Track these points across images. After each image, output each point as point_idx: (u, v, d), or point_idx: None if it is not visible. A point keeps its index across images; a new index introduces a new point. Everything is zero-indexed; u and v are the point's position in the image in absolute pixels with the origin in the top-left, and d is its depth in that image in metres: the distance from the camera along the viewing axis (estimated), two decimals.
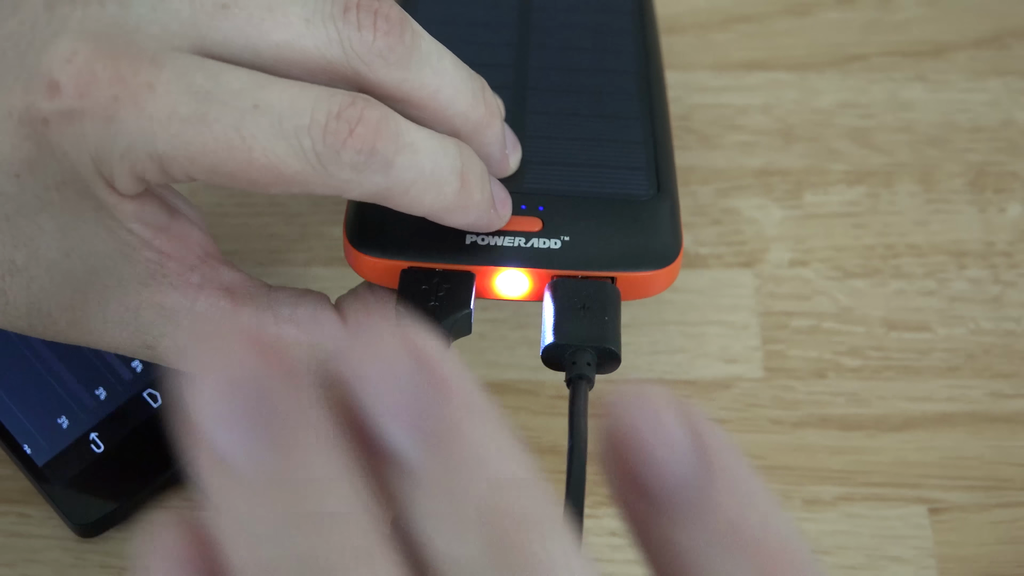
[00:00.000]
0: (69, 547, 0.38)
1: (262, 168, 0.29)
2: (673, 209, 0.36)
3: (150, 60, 0.29)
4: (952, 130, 0.48)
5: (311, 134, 0.29)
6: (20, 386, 0.39)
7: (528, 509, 0.19)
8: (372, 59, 0.31)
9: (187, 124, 0.29)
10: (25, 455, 0.38)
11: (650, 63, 0.41)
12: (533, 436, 0.40)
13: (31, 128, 0.29)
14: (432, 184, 0.31)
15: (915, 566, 0.38)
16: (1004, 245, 0.45)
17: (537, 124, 0.38)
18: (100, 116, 0.29)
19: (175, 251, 0.32)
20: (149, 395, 0.39)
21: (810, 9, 0.51)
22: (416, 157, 0.30)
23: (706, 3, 0.51)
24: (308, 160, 0.29)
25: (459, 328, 0.33)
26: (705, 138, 0.47)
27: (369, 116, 0.30)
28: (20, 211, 0.31)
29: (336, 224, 0.45)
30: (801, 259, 0.45)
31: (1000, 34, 0.51)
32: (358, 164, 0.30)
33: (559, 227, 0.34)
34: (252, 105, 0.29)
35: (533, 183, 0.36)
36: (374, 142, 0.30)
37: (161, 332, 0.33)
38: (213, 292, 0.33)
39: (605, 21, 0.43)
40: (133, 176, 0.30)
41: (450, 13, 0.41)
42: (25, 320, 0.33)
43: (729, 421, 0.41)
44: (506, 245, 0.34)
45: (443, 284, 0.33)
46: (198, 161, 0.29)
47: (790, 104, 0.48)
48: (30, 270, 0.31)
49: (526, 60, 0.40)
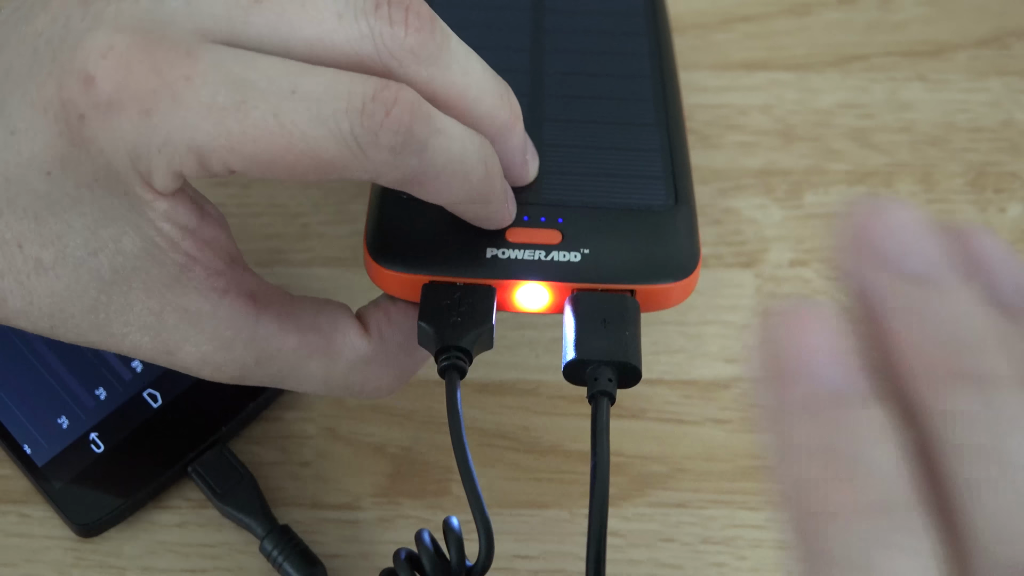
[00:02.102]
0: (69, 547, 0.38)
1: (301, 154, 0.29)
2: (691, 219, 0.36)
3: (186, 52, 0.29)
4: (952, 130, 0.48)
5: (349, 117, 0.29)
6: (20, 386, 0.39)
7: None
8: (403, 55, 0.31)
9: (226, 113, 0.29)
10: (25, 455, 0.38)
11: (664, 67, 0.41)
12: (533, 436, 0.40)
13: (65, 124, 0.29)
14: (460, 171, 0.31)
15: None
16: None
17: (554, 132, 0.38)
18: (137, 110, 0.29)
19: (202, 255, 0.32)
20: (149, 395, 0.39)
21: (810, 9, 0.51)
22: (448, 141, 0.31)
23: (706, 3, 0.51)
24: (347, 143, 0.29)
25: (482, 343, 0.33)
26: (705, 138, 0.47)
27: (404, 98, 0.30)
28: (50, 209, 0.31)
29: (337, 224, 0.45)
30: (801, 259, 0.45)
31: (1000, 34, 0.51)
32: (395, 146, 0.30)
33: (579, 240, 0.34)
34: (290, 90, 0.29)
35: (552, 194, 0.36)
36: (410, 123, 0.30)
37: (184, 337, 0.33)
38: (237, 298, 0.33)
39: (619, 25, 0.42)
40: (171, 171, 0.30)
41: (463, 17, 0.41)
42: (47, 321, 0.32)
43: (729, 421, 0.41)
44: (526, 259, 0.34)
45: (465, 299, 0.33)
46: (238, 150, 0.29)
47: (790, 104, 0.48)
48: (56, 269, 0.31)
49: (541, 66, 0.40)
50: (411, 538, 0.34)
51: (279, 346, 0.33)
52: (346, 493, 0.39)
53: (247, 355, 0.33)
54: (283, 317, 0.34)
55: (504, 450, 0.40)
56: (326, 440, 0.40)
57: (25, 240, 0.31)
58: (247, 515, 0.38)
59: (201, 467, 0.38)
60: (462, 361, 0.33)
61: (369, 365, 0.35)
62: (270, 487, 0.39)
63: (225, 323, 0.33)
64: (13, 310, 0.32)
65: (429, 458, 0.40)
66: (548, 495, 0.39)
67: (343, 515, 0.39)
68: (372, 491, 0.39)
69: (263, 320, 0.33)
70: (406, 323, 0.35)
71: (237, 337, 0.33)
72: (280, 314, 0.34)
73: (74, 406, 0.39)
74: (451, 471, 0.40)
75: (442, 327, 0.33)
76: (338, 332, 0.34)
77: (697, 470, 0.40)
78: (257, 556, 0.38)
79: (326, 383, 0.35)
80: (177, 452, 0.39)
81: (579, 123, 0.38)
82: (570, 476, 0.40)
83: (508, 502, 0.39)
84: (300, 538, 0.37)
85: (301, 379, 0.34)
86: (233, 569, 0.38)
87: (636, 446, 0.40)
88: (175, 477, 0.39)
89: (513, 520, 0.39)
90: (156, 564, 0.38)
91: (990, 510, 0.21)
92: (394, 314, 0.35)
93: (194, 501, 0.39)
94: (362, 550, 0.38)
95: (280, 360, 0.34)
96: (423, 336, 0.33)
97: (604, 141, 0.38)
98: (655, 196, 0.36)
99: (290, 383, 0.35)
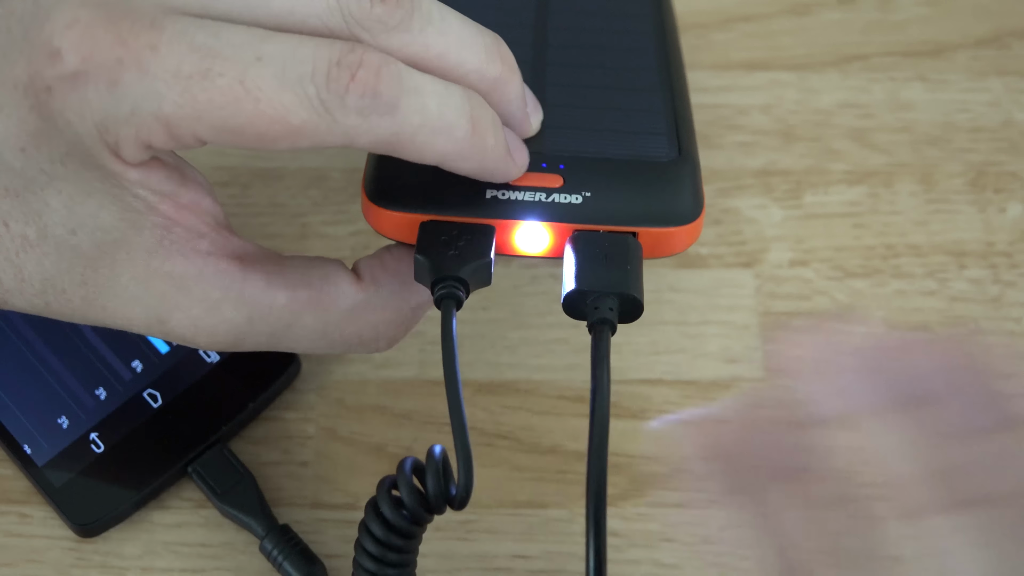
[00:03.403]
0: (69, 547, 0.38)
1: (270, 120, 0.29)
2: (695, 170, 0.35)
3: (150, 23, 0.29)
4: (952, 130, 0.48)
5: (315, 81, 0.29)
6: (20, 386, 0.39)
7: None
8: (372, 25, 0.31)
9: (191, 81, 0.29)
10: (25, 455, 0.38)
11: (666, 35, 0.41)
12: (533, 436, 0.40)
13: (35, 98, 0.29)
14: (441, 128, 0.31)
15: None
16: (1004, 245, 0.45)
17: (558, 95, 0.38)
18: (104, 80, 0.29)
19: (182, 218, 0.32)
20: (149, 395, 0.39)
21: (810, 9, 0.51)
22: (421, 99, 0.30)
23: (706, 3, 0.51)
24: (314, 108, 0.29)
25: (479, 278, 0.33)
26: (705, 138, 0.47)
27: (369, 60, 0.30)
28: (28, 187, 0.31)
29: (337, 224, 0.45)
30: (801, 259, 0.45)
31: (1000, 34, 0.51)
32: (363, 108, 0.30)
33: (581, 183, 0.34)
34: (255, 57, 0.29)
35: (555, 145, 0.35)
36: (376, 84, 0.30)
37: (174, 304, 0.32)
38: (221, 259, 0.33)
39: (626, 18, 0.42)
40: (139, 142, 0.30)
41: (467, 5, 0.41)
42: (41, 298, 0.33)
43: (729, 421, 0.41)
44: (527, 200, 0.34)
45: (463, 236, 0.33)
46: (205, 118, 0.29)
47: (790, 104, 0.48)
48: (42, 246, 0.32)
49: (544, 38, 0.40)
50: None
51: (269, 303, 0.33)
52: (346, 493, 0.39)
53: (238, 315, 0.33)
54: (271, 274, 0.33)
55: (504, 450, 0.40)
56: (326, 440, 0.40)
57: (10, 218, 0.31)
58: (247, 515, 0.38)
59: (201, 467, 0.38)
60: (458, 290, 0.32)
61: (364, 313, 0.34)
62: (270, 487, 0.39)
63: (212, 284, 0.32)
64: (7, 290, 0.32)
65: None
66: (548, 495, 0.39)
67: (343, 515, 0.39)
68: (372, 491, 0.39)
69: (251, 278, 0.33)
70: (401, 268, 0.34)
71: (225, 297, 0.33)
72: (268, 272, 0.33)
73: (74, 406, 0.39)
74: None
75: (439, 259, 0.33)
76: (329, 283, 0.34)
77: (697, 470, 0.40)
78: (257, 556, 0.38)
79: (323, 336, 0.34)
80: (177, 452, 0.39)
81: (583, 88, 0.38)
82: (570, 476, 0.40)
83: (508, 502, 0.39)
84: (300, 538, 0.37)
85: (298, 336, 0.34)
86: (233, 569, 0.38)
87: (636, 446, 0.40)
88: (175, 477, 0.39)
89: (513, 520, 0.39)
90: (156, 564, 0.38)
91: None
92: (389, 260, 0.35)
93: (194, 501, 0.39)
94: None
95: (272, 318, 0.33)
96: (419, 269, 0.33)
97: (608, 103, 0.38)
98: (658, 149, 0.36)
99: (287, 342, 0.34)
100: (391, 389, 0.41)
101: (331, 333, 0.34)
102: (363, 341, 0.35)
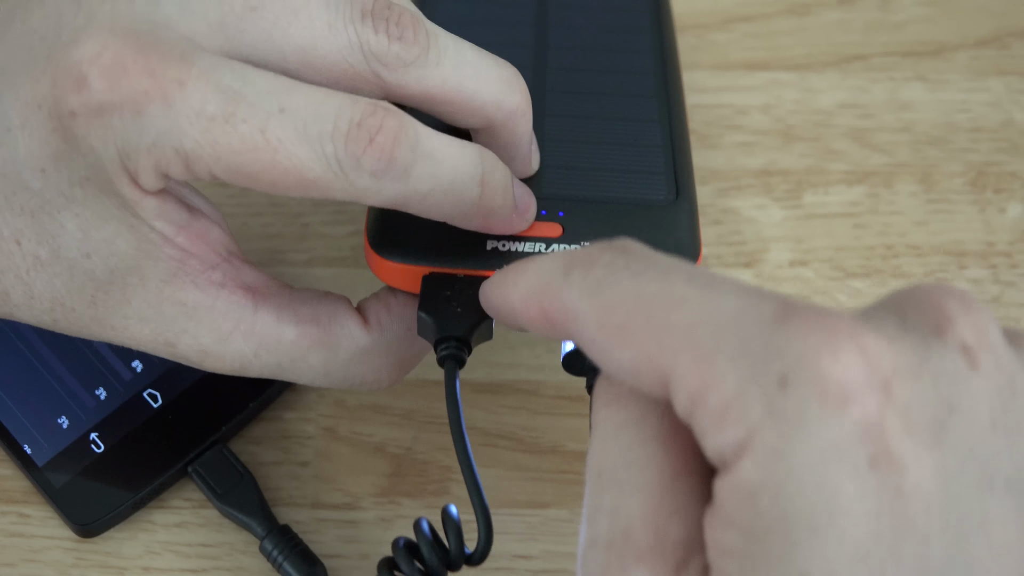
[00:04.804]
0: (69, 547, 0.38)
1: (284, 171, 0.29)
2: (691, 214, 0.36)
3: (179, 57, 0.29)
4: (952, 130, 0.48)
5: (334, 140, 0.29)
6: (20, 386, 0.39)
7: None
8: (390, 61, 0.32)
9: (215, 123, 0.29)
10: (25, 455, 0.38)
11: (667, 64, 0.41)
12: (533, 436, 0.40)
13: (58, 122, 0.30)
14: (450, 192, 0.31)
15: None
16: (1004, 245, 0.45)
17: (556, 127, 0.38)
18: (129, 110, 0.29)
19: (196, 249, 0.32)
20: (149, 395, 0.39)
21: (810, 9, 0.51)
22: (434, 166, 0.31)
23: (706, 3, 0.51)
24: (330, 166, 0.30)
25: (481, 335, 0.33)
26: (705, 138, 0.47)
27: (388, 125, 0.30)
28: (44, 207, 0.31)
29: (337, 224, 0.45)
30: (801, 259, 0.45)
31: (1000, 34, 0.51)
32: (377, 171, 0.30)
33: (579, 233, 0.35)
34: (279, 108, 0.29)
35: (553, 188, 0.36)
36: (392, 151, 0.30)
37: (182, 329, 0.33)
38: (235, 290, 0.33)
39: (623, 21, 0.42)
40: (157, 171, 0.30)
41: (467, 14, 0.41)
42: (50, 315, 0.33)
43: None
44: (527, 251, 0.34)
45: (465, 290, 0.33)
46: (223, 160, 0.29)
47: (790, 104, 0.48)
48: (54, 266, 0.32)
49: (544, 62, 0.40)
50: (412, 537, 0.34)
51: (278, 338, 0.34)
52: (346, 493, 0.39)
53: (246, 347, 0.33)
54: (282, 309, 0.34)
55: (504, 450, 0.40)
56: (326, 440, 0.40)
57: (23, 237, 0.31)
58: (247, 515, 0.38)
59: (201, 467, 0.38)
60: (461, 351, 0.33)
61: (368, 356, 0.35)
62: (270, 487, 0.39)
63: (223, 315, 0.33)
64: (15, 304, 0.33)
65: (429, 458, 0.40)
66: (548, 495, 0.39)
67: (343, 515, 0.39)
68: (372, 491, 0.39)
69: (261, 312, 0.33)
70: (406, 314, 0.35)
71: (236, 329, 0.33)
72: (279, 306, 0.34)
73: (74, 406, 0.39)
74: (451, 471, 0.40)
75: (442, 317, 0.33)
76: (337, 324, 0.34)
77: None
78: (257, 556, 0.38)
79: (326, 374, 0.35)
80: (177, 452, 0.39)
81: (582, 118, 0.38)
82: (570, 476, 0.40)
83: (508, 502, 0.39)
84: (300, 538, 0.37)
85: (301, 370, 0.35)
86: (233, 569, 0.38)
87: None
88: (175, 477, 0.39)
89: (513, 520, 0.39)
90: (156, 564, 0.38)
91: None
92: (394, 306, 0.35)
93: (194, 501, 0.39)
94: (362, 550, 0.38)
95: (279, 352, 0.34)
96: (423, 326, 0.33)
97: (606, 136, 0.38)
98: (656, 191, 0.36)
99: (290, 375, 0.35)
100: (391, 389, 0.41)
101: (334, 372, 0.35)
102: (365, 381, 0.36)
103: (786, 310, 0.23)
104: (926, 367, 0.23)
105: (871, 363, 0.22)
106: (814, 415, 0.22)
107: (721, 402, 0.23)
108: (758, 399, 0.22)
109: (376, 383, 0.36)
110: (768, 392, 0.22)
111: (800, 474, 0.22)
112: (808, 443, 0.22)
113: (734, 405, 0.23)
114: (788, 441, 0.22)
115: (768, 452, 0.22)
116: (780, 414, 0.22)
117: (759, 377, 0.23)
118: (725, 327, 0.23)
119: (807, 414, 0.22)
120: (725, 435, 0.23)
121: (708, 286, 0.25)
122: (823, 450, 0.22)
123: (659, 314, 0.24)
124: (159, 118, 0.29)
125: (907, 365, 0.23)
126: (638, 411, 0.26)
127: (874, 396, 0.22)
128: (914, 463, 0.22)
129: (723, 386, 0.23)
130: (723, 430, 0.23)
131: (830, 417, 0.22)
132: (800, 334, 0.23)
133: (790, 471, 0.22)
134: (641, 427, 0.25)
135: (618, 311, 0.25)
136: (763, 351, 0.23)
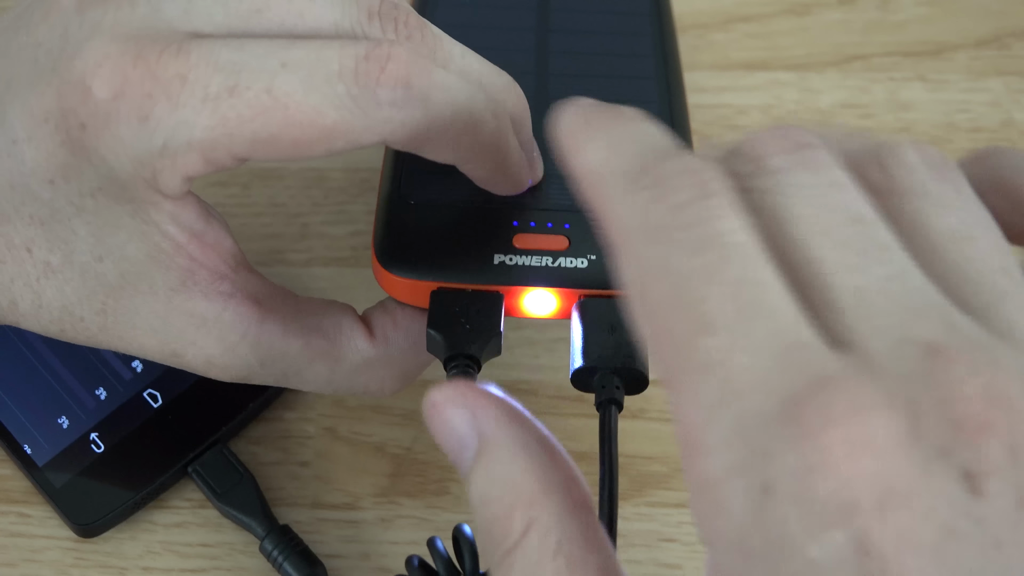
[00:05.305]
0: (69, 547, 0.38)
1: (301, 126, 0.29)
2: None
3: (177, 49, 0.29)
4: (952, 130, 0.48)
5: (343, 79, 0.29)
6: (20, 386, 0.39)
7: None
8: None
9: (219, 100, 0.29)
10: (25, 455, 0.38)
11: (669, 68, 0.41)
12: None
13: (66, 134, 0.29)
14: (469, 121, 0.31)
15: None
16: None
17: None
18: (135, 116, 0.29)
19: (207, 259, 0.32)
20: (149, 395, 0.39)
21: (810, 9, 0.51)
22: (451, 93, 0.30)
23: (706, 3, 0.51)
24: (345, 106, 0.29)
25: (490, 352, 0.33)
26: (705, 138, 0.47)
27: (397, 53, 0.30)
28: (55, 216, 0.31)
29: (336, 224, 0.45)
30: None
31: (1000, 34, 0.51)
32: (396, 100, 0.29)
33: (585, 246, 0.34)
34: (280, 64, 0.29)
35: (558, 199, 0.36)
36: (407, 76, 0.29)
37: (190, 340, 0.33)
38: (242, 301, 0.33)
39: (624, 24, 0.42)
40: (178, 174, 0.30)
41: (467, 19, 0.41)
42: (57, 324, 0.33)
43: None
44: (533, 265, 0.34)
45: (473, 306, 0.33)
46: (237, 135, 0.29)
47: (790, 104, 0.48)
48: (65, 272, 0.32)
49: (546, 67, 0.40)
50: (411, 538, 0.34)
51: (284, 349, 0.34)
52: (346, 493, 0.39)
53: (252, 357, 0.33)
54: (288, 320, 0.34)
55: None
56: (326, 440, 0.40)
57: (34, 245, 0.31)
58: (247, 515, 0.38)
59: (201, 467, 0.38)
60: (471, 368, 0.33)
61: (373, 368, 0.35)
62: (270, 487, 0.39)
63: (230, 327, 0.33)
64: (23, 314, 0.33)
65: (429, 458, 0.40)
66: None
67: (343, 515, 0.39)
68: (372, 491, 0.39)
69: (267, 324, 0.33)
70: (411, 327, 0.35)
71: (242, 340, 0.33)
72: (285, 317, 0.34)
73: (74, 406, 0.39)
74: (451, 471, 0.40)
75: (451, 335, 0.33)
76: (342, 335, 0.34)
77: None
78: (257, 556, 0.38)
79: (330, 384, 0.35)
80: (177, 452, 0.39)
81: None
82: None
83: None
84: (300, 538, 0.37)
85: (306, 379, 0.35)
86: (233, 569, 0.38)
87: (636, 446, 0.40)
88: (175, 477, 0.39)
89: None
90: (156, 564, 0.38)
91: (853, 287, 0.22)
92: (400, 319, 0.35)
93: (194, 501, 0.39)
94: (362, 550, 0.38)
95: (285, 362, 0.34)
96: (432, 343, 0.33)
97: None
98: None
99: (294, 383, 0.35)
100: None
101: (338, 381, 0.35)
102: (368, 390, 0.35)
103: (795, 406, 0.20)
104: (927, 488, 0.20)
105: (868, 484, 0.20)
106: (795, 535, 0.20)
107: (704, 479, 0.21)
108: (741, 497, 0.20)
109: (379, 392, 0.36)
110: (752, 495, 0.20)
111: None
112: (788, 565, 0.20)
113: (718, 491, 0.21)
114: (766, 559, 0.20)
115: (749, 558, 0.20)
116: (762, 525, 0.20)
117: (747, 472, 0.20)
118: (734, 395, 0.21)
119: (788, 533, 0.20)
120: (707, 523, 0.21)
121: (748, 319, 0.22)
122: (801, 573, 0.20)
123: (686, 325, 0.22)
124: (165, 118, 0.29)
125: (907, 486, 0.20)
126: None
127: (865, 519, 0.20)
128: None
129: (710, 461, 0.21)
130: (706, 516, 0.21)
131: (812, 540, 0.20)
132: (795, 444, 0.20)
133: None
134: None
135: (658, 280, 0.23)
136: (757, 448, 0.20)
